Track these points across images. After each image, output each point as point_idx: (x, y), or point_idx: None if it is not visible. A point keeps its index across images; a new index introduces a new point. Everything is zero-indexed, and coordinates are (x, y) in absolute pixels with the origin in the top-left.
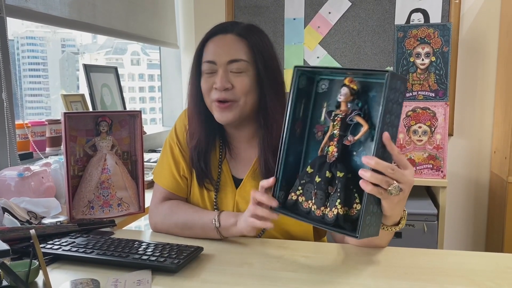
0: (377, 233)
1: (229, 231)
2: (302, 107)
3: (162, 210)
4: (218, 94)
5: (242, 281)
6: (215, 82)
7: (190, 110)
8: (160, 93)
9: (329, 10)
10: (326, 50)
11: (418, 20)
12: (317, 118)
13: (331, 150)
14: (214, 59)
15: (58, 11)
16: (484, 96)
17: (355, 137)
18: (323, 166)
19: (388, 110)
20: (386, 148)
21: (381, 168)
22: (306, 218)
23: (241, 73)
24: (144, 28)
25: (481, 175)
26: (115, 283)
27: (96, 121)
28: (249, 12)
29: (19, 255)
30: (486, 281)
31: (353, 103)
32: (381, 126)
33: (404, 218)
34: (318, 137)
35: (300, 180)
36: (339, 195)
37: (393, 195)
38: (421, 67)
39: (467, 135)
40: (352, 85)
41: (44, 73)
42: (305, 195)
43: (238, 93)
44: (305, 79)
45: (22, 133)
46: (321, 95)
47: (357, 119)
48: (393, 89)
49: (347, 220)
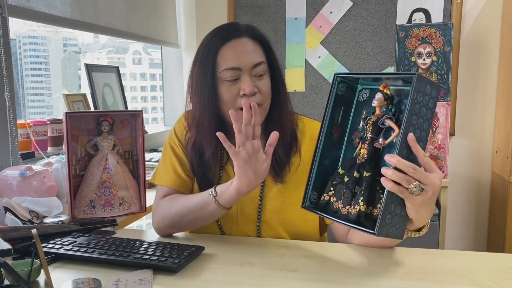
0: (400, 236)
1: (226, 194)
2: (341, 113)
3: (162, 204)
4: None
5: (243, 281)
6: (242, 88)
7: (203, 120)
8: (161, 92)
9: (331, 10)
10: (328, 50)
11: (420, 20)
12: (357, 126)
13: (362, 152)
14: (239, 65)
15: (60, 10)
16: (486, 96)
17: (386, 140)
18: (353, 167)
19: (415, 111)
20: (412, 150)
21: (403, 167)
22: (333, 216)
23: (262, 75)
24: (145, 28)
25: (483, 175)
26: (117, 282)
27: (97, 120)
28: (251, 11)
29: (21, 255)
30: (487, 281)
31: (387, 108)
32: (406, 126)
33: (426, 227)
34: (355, 143)
35: (332, 181)
36: (362, 193)
37: (414, 194)
38: (423, 67)
39: (468, 135)
40: (385, 90)
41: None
42: (336, 196)
43: (263, 96)
44: (344, 86)
45: (24, 132)
46: (362, 103)
47: (388, 122)
48: (421, 92)
49: (369, 218)
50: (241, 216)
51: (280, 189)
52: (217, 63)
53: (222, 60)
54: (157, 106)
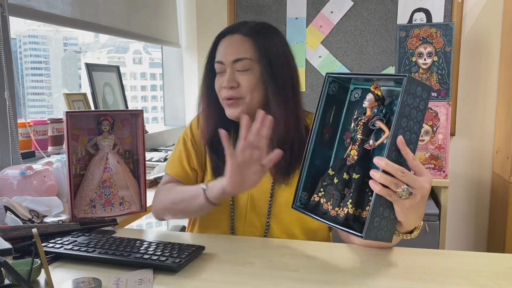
0: (389, 239)
1: (214, 189)
2: (332, 113)
3: (162, 190)
4: (226, 92)
5: (243, 281)
6: (223, 81)
7: (203, 109)
8: (162, 92)
9: (331, 10)
10: (328, 50)
11: (421, 19)
12: (348, 126)
13: (352, 153)
14: (221, 59)
15: (60, 10)
16: (487, 96)
17: (376, 142)
18: (342, 168)
19: (405, 114)
20: (401, 153)
21: (391, 170)
22: (323, 218)
23: (246, 71)
24: (146, 27)
25: (483, 175)
26: (117, 282)
27: (98, 120)
28: (251, 11)
29: (21, 254)
30: (488, 281)
31: (378, 109)
32: (395, 128)
33: (418, 229)
34: (346, 143)
35: (322, 182)
36: (351, 196)
37: (402, 198)
38: (423, 67)
39: (469, 135)
40: (376, 91)
41: (46, 72)
42: (326, 197)
43: (244, 91)
44: (336, 86)
45: (24, 132)
46: (354, 103)
47: (379, 123)
48: (412, 94)
49: (357, 221)
50: (251, 210)
51: (290, 188)
52: (215, 57)
53: (216, 54)
54: (157, 105)
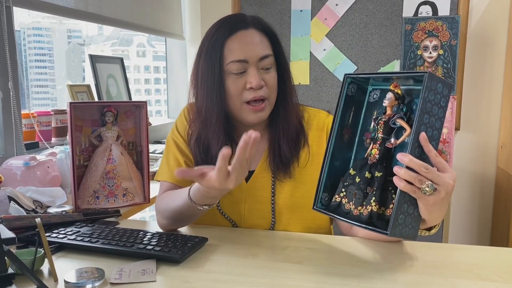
0: (414, 236)
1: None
2: (351, 114)
3: (161, 200)
4: (254, 94)
5: (246, 272)
6: (249, 81)
7: (210, 116)
8: (165, 85)
9: (336, 2)
10: (333, 43)
11: (426, 12)
12: (368, 127)
13: (373, 152)
14: (245, 57)
15: (64, 1)
16: (492, 90)
17: (398, 140)
18: (364, 167)
19: (426, 110)
20: (424, 149)
21: (415, 166)
22: (345, 217)
23: (269, 68)
24: (150, 19)
25: (488, 169)
26: (120, 272)
27: (101, 111)
28: (256, 3)
29: (24, 244)
30: (491, 275)
31: (398, 107)
32: (417, 125)
33: (437, 226)
34: (366, 144)
35: (343, 183)
36: (374, 194)
37: (427, 194)
38: (429, 60)
39: (474, 130)
40: (396, 90)
41: (50, 64)
42: (347, 197)
43: (270, 90)
44: (355, 87)
45: (28, 123)
46: (373, 104)
47: (399, 122)
48: (433, 91)
49: (381, 219)
50: (253, 209)
51: (291, 182)
52: (223, 56)
53: (229, 53)
54: (160, 99)
